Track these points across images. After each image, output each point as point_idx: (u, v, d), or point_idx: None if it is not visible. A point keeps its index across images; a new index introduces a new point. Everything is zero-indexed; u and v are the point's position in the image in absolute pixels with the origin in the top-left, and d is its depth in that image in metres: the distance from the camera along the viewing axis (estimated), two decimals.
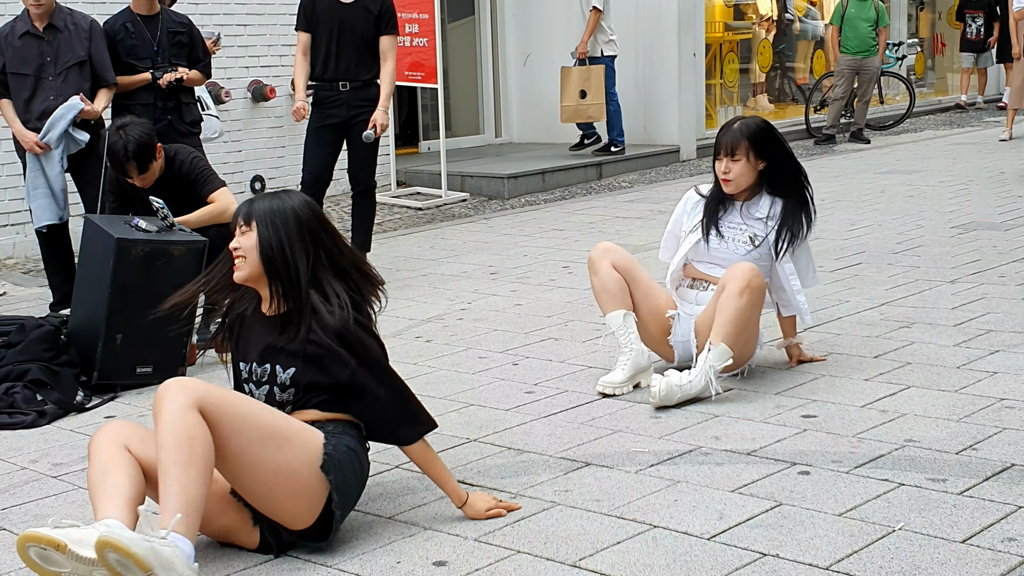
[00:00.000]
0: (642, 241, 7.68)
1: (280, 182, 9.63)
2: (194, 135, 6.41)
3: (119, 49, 6.19)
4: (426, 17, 9.51)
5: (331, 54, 6.60)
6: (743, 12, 14.13)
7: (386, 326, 5.70)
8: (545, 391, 4.56)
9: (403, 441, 3.31)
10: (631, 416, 4.20)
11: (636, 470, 3.66)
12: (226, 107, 9.10)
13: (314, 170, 6.72)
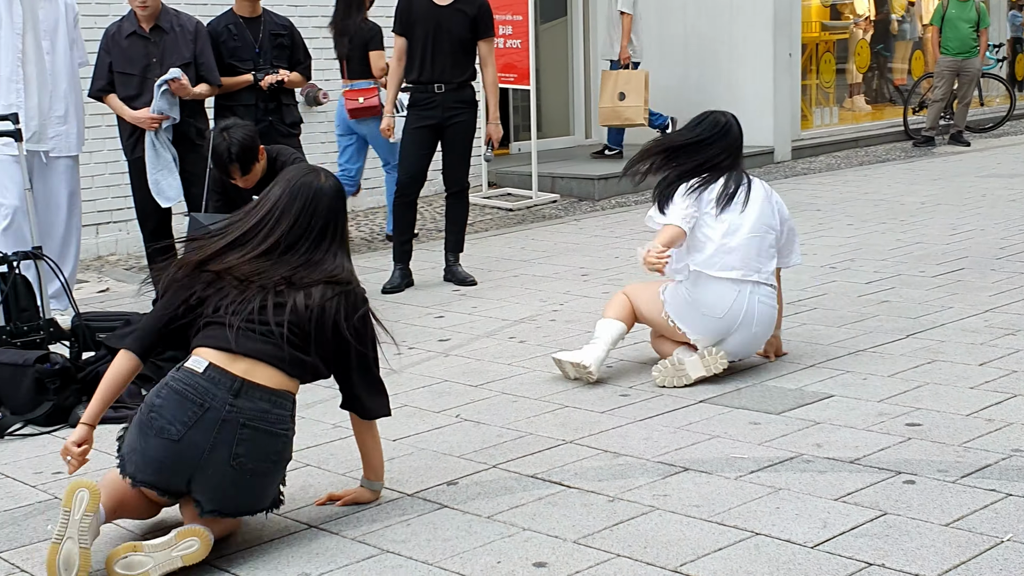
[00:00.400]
0: None
1: (376, 182, 9.70)
2: (294, 136, 6.51)
3: (222, 50, 6.31)
4: (520, 19, 9.53)
5: (427, 56, 6.64)
6: (840, 12, 13.93)
7: (479, 326, 5.75)
8: (640, 394, 4.55)
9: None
10: (729, 421, 4.17)
11: (736, 476, 3.63)
12: (323, 108, 9.21)
13: (410, 170, 6.78)
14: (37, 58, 5.80)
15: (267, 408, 3.17)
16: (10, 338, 4.81)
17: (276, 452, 3.18)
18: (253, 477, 3.16)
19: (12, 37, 5.70)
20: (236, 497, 3.17)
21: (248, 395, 3.15)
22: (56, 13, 5.87)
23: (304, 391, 4.70)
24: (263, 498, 3.24)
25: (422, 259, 7.23)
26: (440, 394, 4.70)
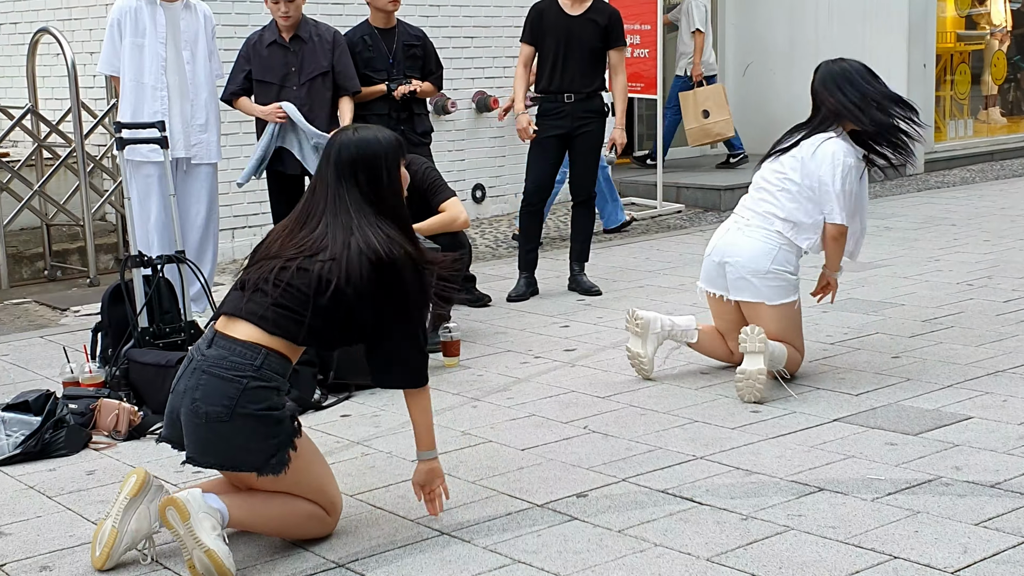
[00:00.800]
0: (869, 257, 7.45)
1: (500, 190, 9.79)
2: (425, 145, 6.58)
3: (357, 60, 6.41)
4: (648, 28, 9.50)
5: (557, 66, 6.66)
6: (976, 22, 13.56)
7: (605, 337, 5.75)
8: (772, 411, 4.49)
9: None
10: (864, 441, 4.09)
11: (873, 498, 3.56)
12: (451, 117, 9.32)
13: (537, 180, 6.81)
14: (178, 67, 5.98)
15: (225, 355, 3.25)
16: (153, 339, 4.96)
17: (228, 397, 3.20)
18: (209, 423, 3.21)
19: (156, 46, 5.88)
20: (207, 445, 3.25)
21: (216, 345, 3.29)
22: (196, 24, 6.04)
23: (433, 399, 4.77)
24: (238, 452, 3.24)
25: (546, 267, 7.25)
26: (567, 404, 4.70)
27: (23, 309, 6.96)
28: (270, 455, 3.25)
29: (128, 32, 5.88)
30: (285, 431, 3.28)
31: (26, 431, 4.28)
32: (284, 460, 3.27)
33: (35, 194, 7.63)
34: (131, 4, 5.88)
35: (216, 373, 3.23)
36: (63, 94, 8.02)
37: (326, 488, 3.40)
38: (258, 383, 3.23)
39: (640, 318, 4.94)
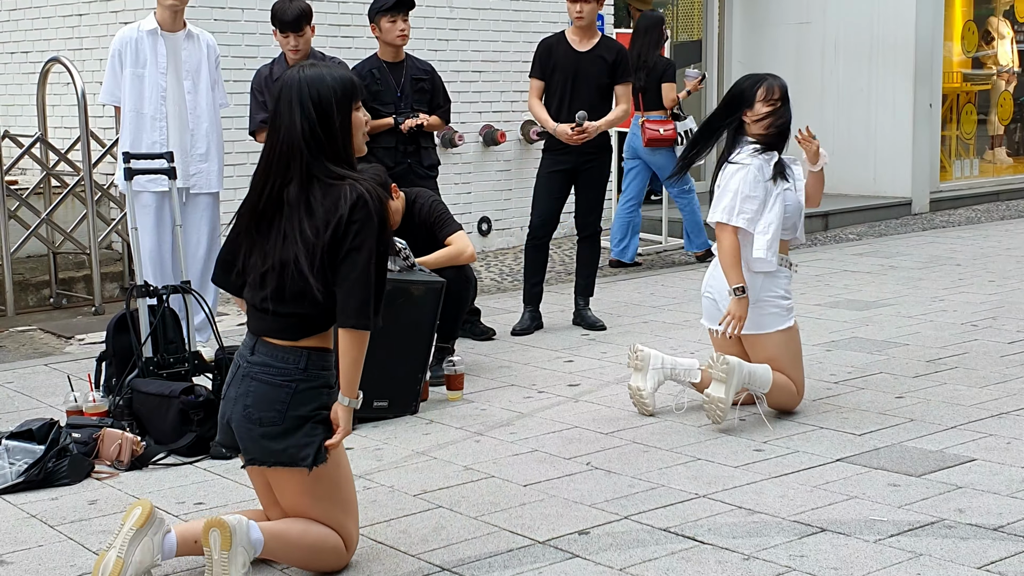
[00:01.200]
0: (873, 297, 7.47)
1: (507, 223, 9.82)
2: (432, 178, 6.60)
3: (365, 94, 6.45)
4: None
5: (564, 101, 6.70)
6: (982, 62, 13.61)
7: (608, 372, 5.74)
8: (775, 450, 4.48)
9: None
10: (867, 482, 4.08)
11: (875, 539, 3.55)
12: (458, 150, 9.36)
13: (542, 214, 6.83)
14: (179, 97, 6.01)
15: (269, 362, 3.31)
16: (157, 369, 4.97)
17: (280, 402, 3.28)
18: (262, 426, 3.30)
19: (156, 76, 5.92)
20: (260, 446, 3.33)
21: (258, 351, 3.35)
22: (199, 54, 6.07)
23: (435, 433, 4.80)
24: (290, 449, 3.29)
25: (551, 302, 7.26)
26: (570, 440, 4.70)
27: (28, 337, 6.98)
28: (317, 450, 3.33)
29: (129, 62, 5.92)
30: (327, 427, 3.37)
31: (29, 459, 4.29)
32: (324, 457, 3.35)
33: (42, 222, 7.66)
34: (132, 35, 5.93)
35: (265, 379, 3.31)
36: (72, 123, 8.08)
37: (347, 520, 3.44)
38: (307, 384, 3.32)
39: (641, 352, 4.97)
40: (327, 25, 8.29)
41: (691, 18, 12.90)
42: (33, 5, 9.00)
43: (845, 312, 7.02)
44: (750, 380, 4.73)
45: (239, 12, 8.21)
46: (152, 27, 5.89)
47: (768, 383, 4.76)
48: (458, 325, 5.77)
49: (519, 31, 9.69)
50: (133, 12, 8.06)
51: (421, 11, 8.82)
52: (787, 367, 4.84)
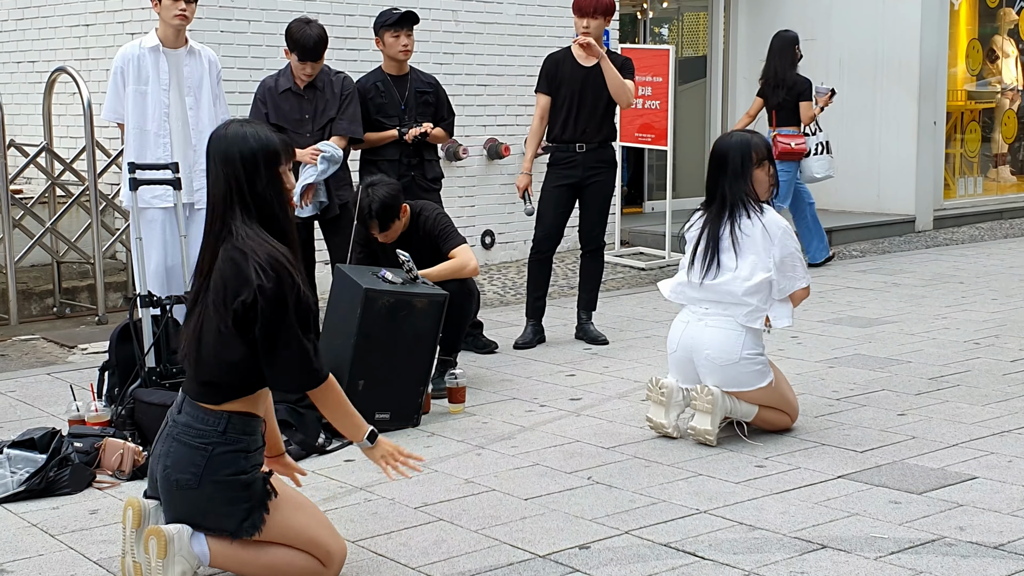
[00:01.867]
0: (876, 314, 7.47)
1: (510, 237, 9.83)
2: (435, 191, 6.62)
3: (369, 107, 6.47)
4: (660, 80, 9.57)
5: (570, 116, 6.72)
6: (987, 80, 13.63)
7: (611, 387, 5.75)
8: (776, 466, 4.48)
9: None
10: (868, 499, 4.07)
11: (876, 556, 3.55)
12: (462, 164, 9.38)
13: (547, 228, 6.84)
14: (181, 113, 6.03)
15: (191, 423, 3.28)
16: (159, 379, 4.98)
17: (195, 465, 3.23)
18: (180, 490, 3.26)
19: (159, 93, 5.93)
20: (181, 510, 3.29)
21: (184, 410, 3.32)
22: (200, 69, 6.08)
23: (436, 446, 4.80)
24: (210, 515, 3.26)
25: (553, 315, 7.26)
26: (571, 455, 4.70)
27: (31, 345, 6.99)
28: (242, 519, 3.27)
29: (131, 80, 5.94)
30: (256, 494, 3.29)
31: (31, 468, 4.29)
32: (257, 523, 3.28)
33: (47, 231, 7.68)
34: (134, 52, 5.94)
35: (184, 441, 3.26)
36: (78, 133, 8.10)
37: (318, 539, 3.37)
38: (224, 448, 3.25)
39: (664, 387, 4.84)
40: (333, 38, 8.25)
41: (696, 34, 12.94)
42: (40, 15, 9.04)
43: (848, 329, 7.02)
44: (732, 411, 4.76)
45: (245, 24, 8.23)
46: (154, 44, 5.91)
47: (752, 413, 4.80)
48: (460, 338, 5.78)
49: (524, 45, 9.71)
50: (140, 23, 8.09)
51: (426, 24, 8.85)
52: (778, 403, 4.85)
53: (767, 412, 4.82)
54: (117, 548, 3.67)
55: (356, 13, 8.68)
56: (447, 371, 5.47)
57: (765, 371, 4.79)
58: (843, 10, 11.64)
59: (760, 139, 4.88)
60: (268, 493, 3.31)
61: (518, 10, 9.74)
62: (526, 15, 9.80)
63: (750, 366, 4.74)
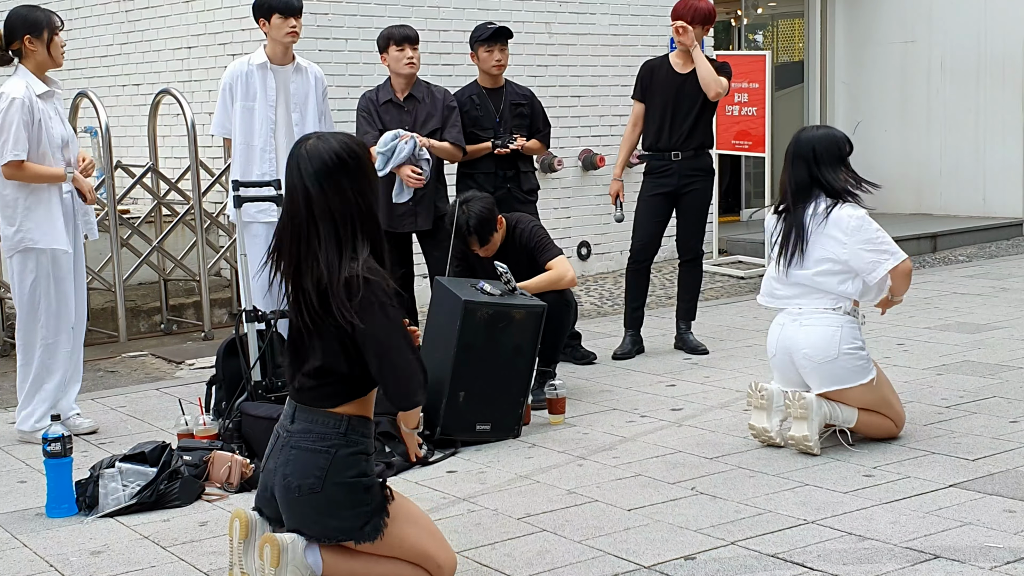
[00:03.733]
0: (984, 319, 7.28)
1: (606, 247, 9.80)
2: (531, 202, 6.63)
3: (465, 120, 6.51)
4: (756, 86, 9.47)
5: (665, 123, 6.68)
6: None
7: (712, 397, 5.69)
8: (885, 475, 4.39)
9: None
10: (982, 508, 3.97)
11: (991, 567, 3.45)
12: (557, 175, 9.38)
13: (643, 238, 6.80)
14: (288, 129, 6.12)
15: (309, 427, 3.28)
16: (265, 392, 5.06)
17: (319, 468, 3.24)
18: (303, 495, 3.25)
19: (266, 109, 6.04)
20: (304, 518, 3.28)
21: (298, 419, 3.32)
22: (307, 86, 6.18)
23: (538, 456, 4.79)
24: (333, 521, 3.26)
25: (652, 326, 7.22)
26: (674, 465, 4.66)
27: (140, 362, 7.16)
28: (364, 522, 3.29)
29: (239, 96, 6.06)
30: (375, 498, 3.31)
31: (142, 482, 4.39)
32: (379, 526, 3.30)
33: (153, 250, 7.86)
34: (242, 69, 6.06)
35: (304, 447, 3.27)
36: (182, 153, 8.29)
37: (429, 550, 3.38)
38: (347, 450, 3.27)
39: (765, 391, 4.81)
40: (429, 53, 8.39)
41: (791, 39, 12.79)
42: (144, 39, 9.28)
43: (955, 335, 6.86)
44: (831, 417, 4.68)
45: (343, 43, 8.36)
46: (262, 61, 6.02)
47: (853, 419, 4.71)
48: (559, 349, 5.77)
49: (618, 55, 9.69)
50: (240, 44, 8.26)
51: (520, 38, 8.88)
52: (882, 406, 4.75)
53: (870, 417, 4.73)
54: (226, 560, 3.73)
55: (451, 28, 8.75)
56: (546, 382, 5.47)
57: (867, 367, 4.71)
58: (943, 10, 11.40)
59: (843, 133, 4.87)
60: (387, 499, 3.34)
61: (611, 20, 9.72)
62: (619, 25, 9.77)
63: (851, 361, 4.67)
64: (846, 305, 4.72)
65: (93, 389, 6.22)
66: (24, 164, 5.12)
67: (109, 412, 5.82)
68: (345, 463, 3.25)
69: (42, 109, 5.18)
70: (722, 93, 6.56)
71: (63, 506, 4.33)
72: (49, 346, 5.31)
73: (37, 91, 5.18)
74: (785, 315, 4.84)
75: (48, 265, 5.26)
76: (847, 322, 4.70)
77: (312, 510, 3.27)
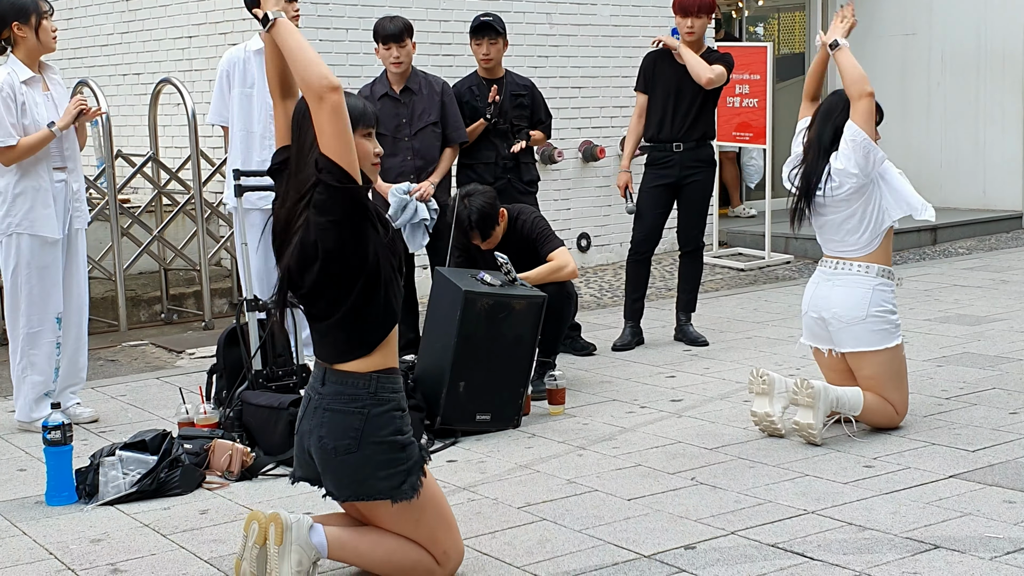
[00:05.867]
0: (984, 311, 7.29)
1: (606, 239, 9.80)
2: (531, 194, 6.63)
3: (464, 110, 6.51)
4: (758, 78, 9.46)
5: (667, 115, 6.68)
6: None
7: (712, 388, 5.69)
8: (885, 466, 4.39)
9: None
10: (982, 499, 3.97)
11: (991, 557, 3.46)
12: (557, 167, 9.38)
13: (644, 229, 6.80)
14: None
15: (340, 390, 3.31)
16: (266, 382, 5.06)
17: (354, 429, 3.27)
18: (338, 455, 3.28)
19: (264, 95, 6.03)
20: (341, 478, 3.32)
21: (328, 380, 3.34)
22: None
23: (538, 447, 4.80)
24: (370, 480, 3.28)
25: (652, 317, 7.22)
26: (674, 455, 4.66)
27: (140, 351, 7.16)
28: (401, 480, 3.31)
29: (237, 82, 6.04)
30: (413, 456, 3.33)
31: (142, 470, 4.39)
32: (416, 485, 3.32)
33: (154, 239, 7.86)
34: (239, 55, 6.05)
35: (337, 408, 3.30)
36: (183, 143, 8.29)
37: (439, 537, 3.40)
38: (379, 409, 3.30)
39: (766, 377, 4.84)
40: (429, 44, 8.39)
41: (792, 32, 12.77)
42: (144, 28, 9.27)
43: (956, 327, 6.86)
44: (838, 404, 4.69)
45: (343, 32, 8.35)
46: (259, 47, 6.01)
47: (859, 406, 4.71)
48: (559, 340, 5.77)
49: (619, 47, 9.67)
50: (241, 34, 8.24)
51: (521, 28, 8.89)
52: (887, 388, 4.76)
53: (875, 403, 4.73)
54: (227, 547, 3.74)
55: (451, 19, 8.74)
56: (546, 373, 5.47)
57: (894, 332, 4.76)
58: (944, 3, 11.38)
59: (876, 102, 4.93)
60: (423, 459, 3.37)
61: (612, 11, 9.71)
62: (620, 16, 9.76)
63: (878, 324, 4.72)
64: (879, 269, 4.76)
65: (93, 378, 6.21)
66: (16, 146, 5.10)
67: (109, 401, 5.82)
68: (379, 422, 3.29)
69: (27, 93, 5.16)
70: (715, 80, 6.54)
71: (63, 494, 4.33)
72: (31, 335, 5.26)
73: (21, 77, 5.15)
74: (820, 274, 4.92)
75: (32, 252, 5.20)
76: (879, 284, 4.75)
77: (350, 469, 3.29)
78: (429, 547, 3.38)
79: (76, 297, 5.41)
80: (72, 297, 5.38)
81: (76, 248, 5.42)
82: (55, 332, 5.31)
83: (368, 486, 3.30)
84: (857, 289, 4.75)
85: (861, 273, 4.77)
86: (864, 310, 4.73)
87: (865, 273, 4.76)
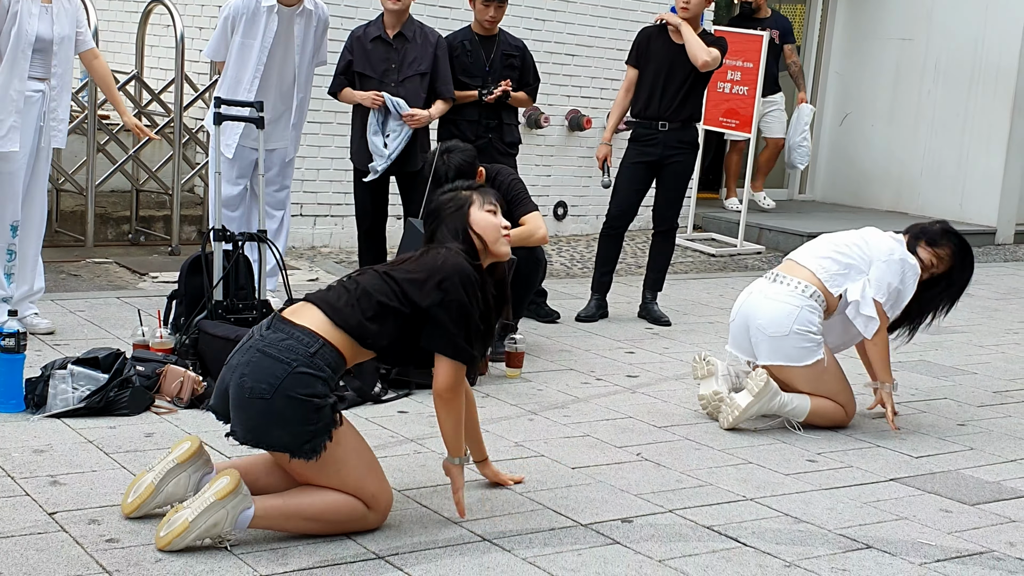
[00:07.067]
0: (946, 323, 7.32)
1: (583, 210, 9.79)
2: (511, 156, 6.61)
3: (454, 64, 6.47)
4: (750, 66, 9.45)
5: (655, 92, 6.66)
6: None
7: (668, 368, 5.73)
8: (828, 462, 4.44)
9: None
10: (919, 505, 4.03)
11: (920, 562, 3.51)
12: (542, 132, 9.35)
13: (621, 204, 6.80)
14: (280, 72, 6.09)
15: (283, 338, 3.32)
16: (226, 313, 5.04)
17: (275, 376, 3.25)
18: (252, 398, 3.27)
19: (262, 52, 5.98)
20: (246, 421, 3.31)
21: (275, 328, 3.37)
22: (308, 28, 6.13)
23: (490, 407, 4.82)
24: (274, 431, 3.28)
25: (619, 292, 7.24)
26: (623, 430, 4.69)
27: (104, 269, 7.12)
28: (305, 440, 3.30)
29: (240, 32, 6.00)
30: (324, 419, 3.31)
31: (92, 386, 4.38)
32: (318, 447, 3.31)
33: (129, 159, 7.79)
34: (250, 5, 5.98)
35: (270, 353, 3.29)
36: (168, 64, 8.21)
37: (365, 483, 3.40)
38: (306, 369, 3.28)
39: (709, 360, 4.93)
40: None
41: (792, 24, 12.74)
42: None
43: (916, 335, 6.90)
44: (781, 408, 4.74)
45: None
46: (271, 3, 5.95)
47: (804, 413, 4.76)
48: (524, 304, 5.78)
49: (617, 18, 9.63)
50: None
51: None
52: (831, 392, 4.81)
53: (821, 404, 4.77)
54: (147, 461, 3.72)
55: None
56: (507, 335, 5.48)
57: (814, 350, 4.77)
58: (944, 13, 11.39)
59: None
60: (334, 422, 3.35)
61: None
62: None
63: (800, 341, 4.73)
64: (814, 292, 4.76)
65: (54, 291, 6.18)
66: None
67: (68, 315, 5.79)
68: (301, 380, 3.27)
69: (21, 2, 5.10)
70: (710, 63, 6.53)
71: (11, 402, 4.32)
72: None
73: None
74: (757, 283, 4.95)
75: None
76: (808, 306, 4.74)
77: (257, 414, 3.29)
78: (357, 493, 3.38)
79: (34, 209, 5.40)
80: (31, 209, 5.37)
81: (40, 162, 5.38)
82: (8, 240, 5.30)
83: (271, 436, 3.30)
84: (786, 305, 4.75)
85: (797, 292, 4.77)
86: (788, 326, 4.73)
87: (800, 293, 4.76)
